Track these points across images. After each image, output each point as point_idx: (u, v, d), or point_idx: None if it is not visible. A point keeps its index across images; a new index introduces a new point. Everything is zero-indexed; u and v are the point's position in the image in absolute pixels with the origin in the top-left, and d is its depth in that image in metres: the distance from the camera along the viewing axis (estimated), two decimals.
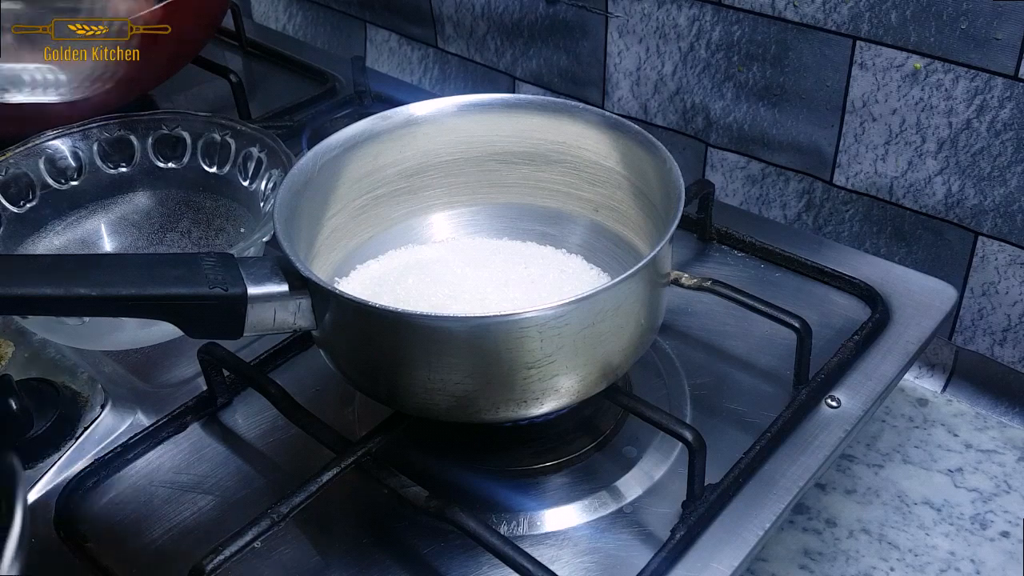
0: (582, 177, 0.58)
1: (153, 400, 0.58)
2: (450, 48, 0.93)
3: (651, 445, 0.53)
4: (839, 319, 0.61)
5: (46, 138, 0.68)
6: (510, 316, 0.43)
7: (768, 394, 0.56)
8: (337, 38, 1.06)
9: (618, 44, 0.79)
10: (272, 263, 0.47)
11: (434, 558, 0.49)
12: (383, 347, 0.47)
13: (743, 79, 0.73)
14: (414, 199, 0.60)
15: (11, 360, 0.60)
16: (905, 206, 0.68)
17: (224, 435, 0.56)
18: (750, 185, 0.77)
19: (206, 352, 0.55)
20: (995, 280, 0.66)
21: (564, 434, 0.54)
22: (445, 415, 0.48)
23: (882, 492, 0.60)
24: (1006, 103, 0.60)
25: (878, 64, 0.65)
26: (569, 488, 0.52)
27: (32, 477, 0.54)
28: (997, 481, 0.60)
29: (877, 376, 0.56)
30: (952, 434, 0.64)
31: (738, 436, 0.53)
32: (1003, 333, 0.67)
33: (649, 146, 0.53)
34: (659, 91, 0.78)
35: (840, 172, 0.71)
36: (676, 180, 0.49)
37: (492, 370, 0.45)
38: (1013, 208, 0.63)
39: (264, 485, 0.53)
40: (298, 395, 0.54)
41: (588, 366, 0.47)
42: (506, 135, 0.58)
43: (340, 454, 0.49)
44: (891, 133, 0.67)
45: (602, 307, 0.45)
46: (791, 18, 0.67)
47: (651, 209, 0.54)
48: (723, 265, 0.66)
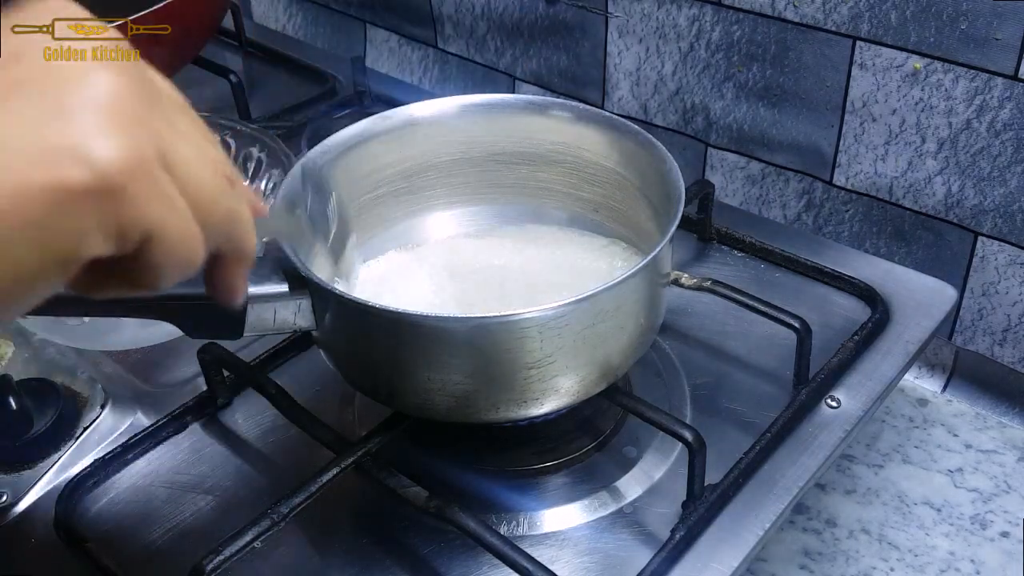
0: (582, 177, 0.58)
1: (153, 400, 0.58)
2: (450, 48, 0.93)
3: (651, 445, 0.53)
4: (839, 319, 0.61)
5: None
6: (510, 316, 0.43)
7: (768, 394, 0.56)
8: (337, 38, 1.06)
9: (618, 44, 0.79)
10: (272, 263, 0.47)
11: (434, 558, 0.49)
12: (383, 347, 0.47)
13: (743, 79, 0.73)
14: (414, 199, 0.60)
15: (11, 360, 0.60)
16: (905, 206, 0.68)
17: (224, 435, 0.56)
18: (750, 185, 0.77)
19: (206, 352, 0.55)
20: (995, 280, 0.66)
21: (564, 434, 0.54)
22: (445, 415, 0.48)
23: (882, 492, 0.60)
24: (1006, 103, 0.60)
25: (878, 64, 0.65)
26: (569, 488, 0.52)
27: (32, 477, 0.54)
28: (997, 481, 0.60)
29: (877, 376, 0.56)
30: (952, 434, 0.64)
31: (738, 436, 0.53)
32: (1003, 333, 0.67)
33: (649, 146, 0.53)
34: (659, 91, 0.78)
35: (840, 172, 0.71)
36: (676, 180, 0.49)
37: (492, 370, 0.45)
38: (1013, 208, 0.63)
39: (264, 485, 0.53)
40: (298, 395, 0.54)
41: (588, 366, 0.47)
42: (506, 135, 0.58)
43: (340, 454, 0.49)
44: (891, 133, 0.67)
45: (602, 307, 0.45)
46: (791, 18, 0.67)
47: (651, 209, 0.54)
48: (723, 265, 0.66)
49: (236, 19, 0.96)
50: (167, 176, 0.28)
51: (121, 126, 0.26)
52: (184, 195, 0.28)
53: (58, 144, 0.25)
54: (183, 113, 0.30)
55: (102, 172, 0.25)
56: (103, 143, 0.26)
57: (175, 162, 0.28)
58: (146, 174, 0.27)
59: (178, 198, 0.28)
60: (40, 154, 0.25)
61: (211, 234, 0.30)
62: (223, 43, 0.98)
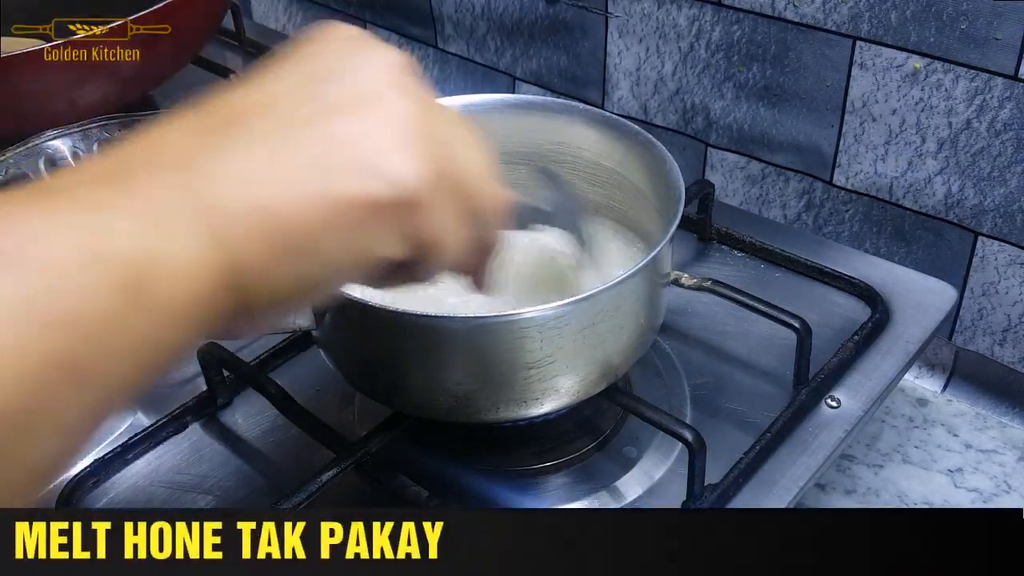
0: (582, 177, 0.58)
1: (153, 400, 0.58)
2: (450, 48, 0.93)
3: (651, 445, 0.53)
4: (839, 319, 0.61)
5: (46, 138, 0.68)
6: (510, 316, 0.43)
7: (768, 394, 0.56)
8: None
9: (618, 44, 0.79)
10: None
11: None
12: (383, 347, 0.47)
13: (743, 79, 0.73)
14: None
15: None
16: (905, 206, 0.68)
17: (224, 435, 0.56)
18: (750, 185, 0.77)
19: (206, 352, 0.55)
20: (995, 280, 0.66)
21: (564, 434, 0.54)
22: (445, 415, 0.48)
23: (882, 492, 0.60)
24: (1006, 103, 0.60)
25: (878, 64, 0.65)
26: (569, 488, 0.52)
27: None
28: (997, 481, 0.60)
29: (877, 376, 0.56)
30: (952, 434, 0.64)
31: (738, 436, 0.53)
32: (1003, 333, 0.67)
33: (648, 146, 0.53)
34: (659, 91, 0.78)
35: (840, 172, 0.71)
36: (676, 180, 0.49)
37: (492, 370, 0.45)
38: (1013, 208, 0.63)
39: (264, 485, 0.53)
40: (298, 395, 0.54)
41: (588, 366, 0.47)
42: (506, 135, 0.58)
43: (340, 454, 0.49)
44: (891, 133, 0.66)
45: (602, 307, 0.45)
46: (791, 18, 0.67)
47: (651, 209, 0.54)
48: (723, 265, 0.66)
49: (236, 19, 0.96)
50: (452, 187, 0.32)
51: (414, 147, 0.30)
52: (463, 202, 0.33)
53: (366, 162, 0.29)
54: (462, 127, 0.34)
55: (403, 187, 0.30)
56: (403, 163, 0.30)
57: (456, 173, 0.32)
58: (436, 189, 0.31)
59: (459, 208, 0.32)
60: (354, 170, 0.29)
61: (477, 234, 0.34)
62: (223, 43, 0.98)
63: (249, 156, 0.28)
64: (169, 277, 0.26)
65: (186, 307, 0.27)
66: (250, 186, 0.28)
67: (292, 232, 0.28)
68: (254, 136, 0.29)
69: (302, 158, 0.29)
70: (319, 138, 0.29)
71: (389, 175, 0.29)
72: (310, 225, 0.28)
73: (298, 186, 0.28)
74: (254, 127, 0.29)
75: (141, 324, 0.26)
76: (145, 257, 0.26)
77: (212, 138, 0.29)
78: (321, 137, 0.29)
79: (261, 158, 0.28)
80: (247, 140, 0.29)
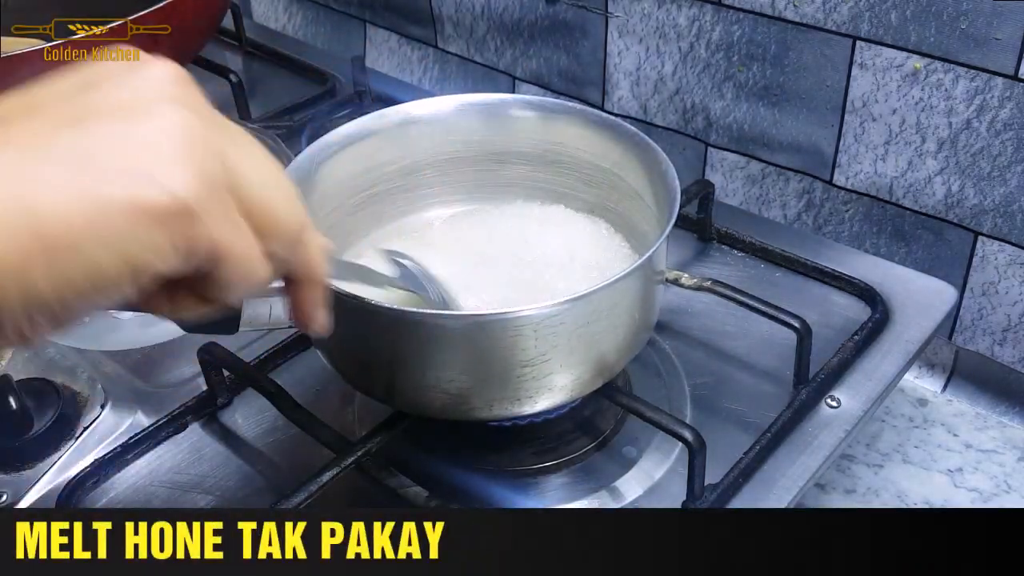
0: (579, 177, 0.58)
1: (153, 400, 0.58)
2: (450, 48, 0.93)
3: (651, 445, 0.53)
4: (839, 319, 0.61)
5: None
6: (505, 314, 0.43)
7: (768, 394, 0.56)
8: (337, 38, 1.06)
9: (618, 44, 0.79)
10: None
11: None
12: (379, 344, 0.47)
13: (743, 79, 0.73)
14: (411, 197, 0.60)
15: (11, 360, 0.60)
16: (905, 206, 0.68)
17: (224, 435, 0.57)
18: (750, 185, 0.77)
19: (206, 352, 0.55)
20: (995, 280, 0.66)
21: (564, 434, 0.54)
22: (440, 413, 0.48)
23: (882, 492, 0.60)
24: (1006, 103, 0.60)
25: (878, 64, 0.65)
26: (569, 488, 0.52)
27: (32, 477, 0.54)
28: (997, 481, 0.60)
29: (877, 376, 0.56)
30: (952, 434, 0.64)
31: (738, 436, 0.53)
32: (1003, 333, 0.67)
33: (645, 147, 0.53)
34: (659, 91, 0.78)
35: (840, 172, 0.71)
36: (672, 181, 0.49)
37: (487, 368, 0.45)
38: (1013, 208, 0.63)
39: (264, 485, 0.53)
40: (298, 395, 0.54)
41: (583, 364, 0.47)
42: (503, 135, 0.58)
43: (340, 454, 0.49)
44: (891, 133, 0.67)
45: (597, 306, 0.45)
46: (791, 18, 0.67)
47: (648, 210, 0.54)
48: (723, 265, 0.66)
49: (236, 19, 0.96)
50: (234, 201, 0.31)
51: (186, 154, 0.29)
52: (249, 218, 0.31)
53: (137, 168, 0.28)
54: (246, 141, 0.33)
55: (175, 196, 0.28)
56: (172, 169, 0.29)
57: (240, 186, 0.31)
58: (213, 199, 0.30)
59: (242, 221, 0.31)
60: (123, 174, 0.28)
61: (276, 254, 0.33)
62: (223, 43, 0.98)
63: (12, 153, 0.28)
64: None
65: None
66: (9, 182, 0.27)
67: (51, 229, 0.27)
68: (20, 134, 0.28)
69: (69, 158, 0.28)
70: (87, 139, 0.28)
71: (157, 180, 0.28)
72: (70, 224, 0.27)
73: (61, 185, 0.28)
74: (22, 127, 0.29)
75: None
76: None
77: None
78: (90, 138, 0.29)
79: (25, 156, 0.28)
80: (10, 137, 0.28)
